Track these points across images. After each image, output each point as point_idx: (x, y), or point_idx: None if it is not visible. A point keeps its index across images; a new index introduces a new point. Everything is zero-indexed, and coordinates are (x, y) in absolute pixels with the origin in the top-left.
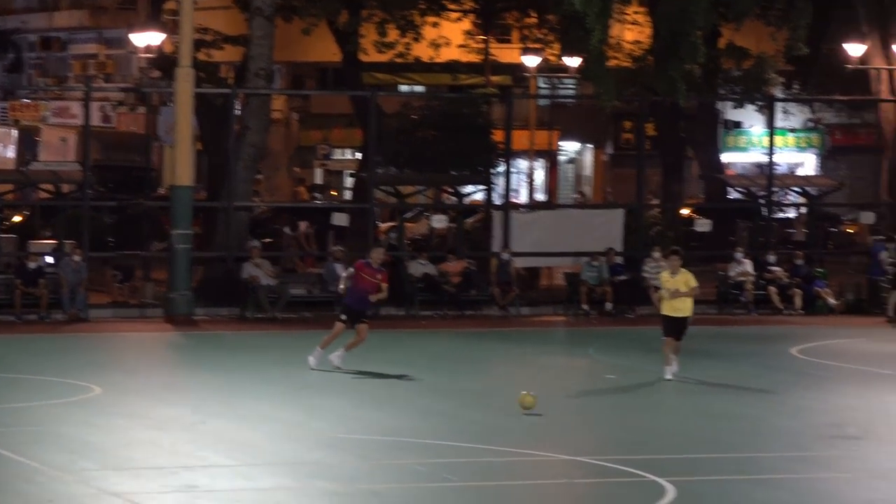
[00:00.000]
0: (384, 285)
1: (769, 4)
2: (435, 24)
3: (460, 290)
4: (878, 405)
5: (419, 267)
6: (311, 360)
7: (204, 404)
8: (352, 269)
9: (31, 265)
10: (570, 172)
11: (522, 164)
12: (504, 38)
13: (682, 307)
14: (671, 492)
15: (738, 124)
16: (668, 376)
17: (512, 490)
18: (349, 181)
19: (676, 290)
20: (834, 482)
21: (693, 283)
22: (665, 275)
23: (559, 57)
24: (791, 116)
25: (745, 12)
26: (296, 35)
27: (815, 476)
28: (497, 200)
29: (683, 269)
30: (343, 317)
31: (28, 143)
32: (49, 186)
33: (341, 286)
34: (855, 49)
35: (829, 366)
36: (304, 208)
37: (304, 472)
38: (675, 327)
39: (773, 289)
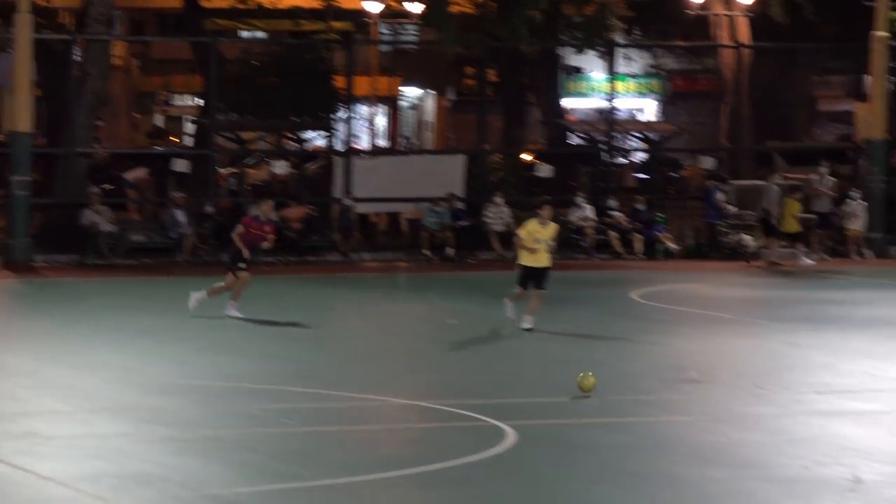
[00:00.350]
0: (271, 236)
1: None
2: None
3: (302, 235)
4: (718, 349)
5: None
6: (234, 312)
7: (43, 351)
8: (240, 226)
9: None
10: (411, 118)
11: (364, 110)
12: None
13: (542, 258)
14: (512, 435)
15: (578, 70)
16: (510, 315)
17: (351, 435)
18: (190, 127)
19: (546, 240)
20: (677, 425)
21: (555, 235)
22: (535, 224)
23: (401, 3)
24: (632, 62)
25: None
26: None
27: (658, 419)
28: (339, 146)
29: (551, 221)
30: (242, 265)
31: None
32: None
33: (245, 253)
34: None
35: (669, 310)
36: (143, 154)
37: (143, 418)
38: (535, 277)
39: (613, 233)
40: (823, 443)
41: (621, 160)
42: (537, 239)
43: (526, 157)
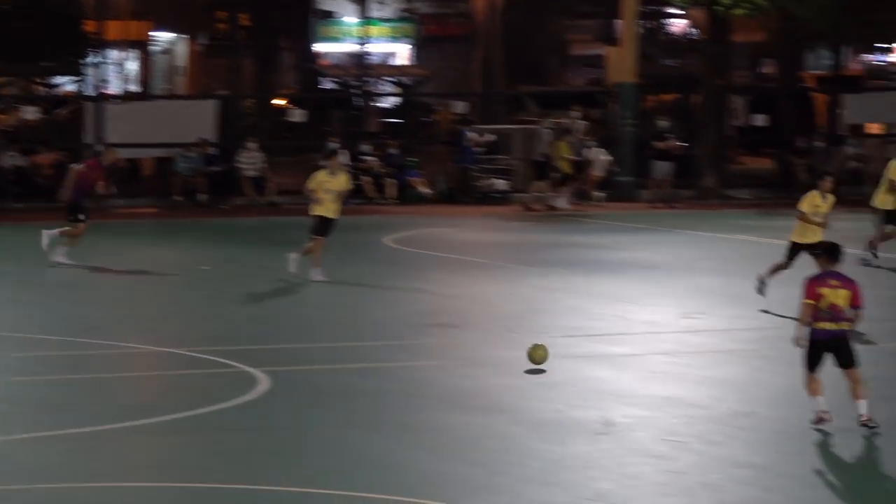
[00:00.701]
0: (102, 182)
1: None
2: None
3: (53, 182)
4: (470, 293)
5: (10, 159)
6: (60, 258)
7: None
8: (81, 166)
9: None
10: (163, 63)
11: (115, 54)
12: None
13: (330, 208)
14: (265, 382)
15: (330, 14)
16: (320, 277)
17: (102, 382)
18: None
19: (335, 190)
20: (429, 370)
21: (345, 184)
22: (323, 175)
23: None
24: (384, 6)
25: None
26: None
27: (410, 364)
28: (89, 91)
29: (341, 171)
30: (82, 216)
31: None
32: None
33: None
34: None
35: (422, 254)
36: None
37: None
38: (327, 227)
39: (366, 178)
40: (575, 386)
41: (373, 104)
42: (326, 189)
43: (279, 101)
